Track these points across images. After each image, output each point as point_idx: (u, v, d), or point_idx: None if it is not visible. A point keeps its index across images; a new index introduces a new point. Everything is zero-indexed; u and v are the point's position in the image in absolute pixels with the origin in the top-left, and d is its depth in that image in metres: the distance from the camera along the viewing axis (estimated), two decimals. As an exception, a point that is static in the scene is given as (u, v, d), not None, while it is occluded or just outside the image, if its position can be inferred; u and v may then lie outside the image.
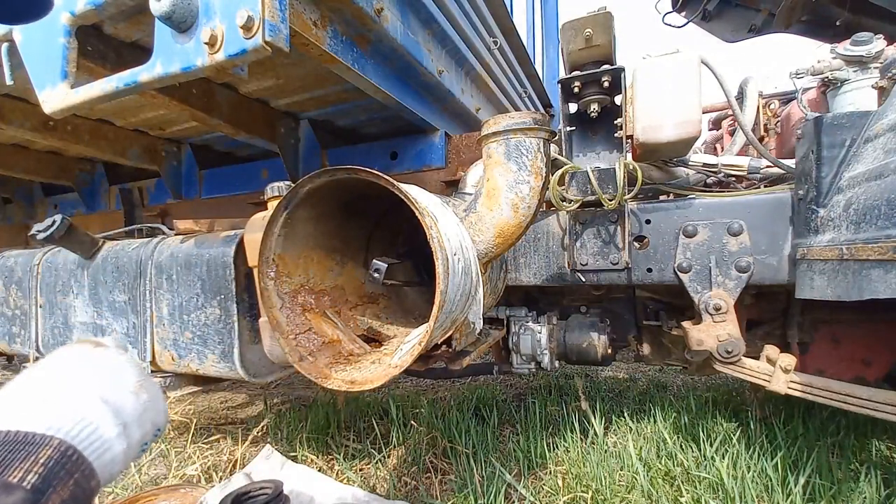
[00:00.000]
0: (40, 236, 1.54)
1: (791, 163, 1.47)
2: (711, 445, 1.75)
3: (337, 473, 1.86)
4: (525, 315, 1.82)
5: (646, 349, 1.92)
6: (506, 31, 2.56)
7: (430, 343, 0.95)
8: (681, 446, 1.84)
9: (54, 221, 1.55)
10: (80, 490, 0.49)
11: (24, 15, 0.65)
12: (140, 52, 1.40)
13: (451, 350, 1.19)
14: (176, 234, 1.67)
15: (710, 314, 1.40)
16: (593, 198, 1.44)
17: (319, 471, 1.84)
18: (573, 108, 1.63)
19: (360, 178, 0.98)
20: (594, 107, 1.55)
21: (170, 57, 1.08)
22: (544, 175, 1.17)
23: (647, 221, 1.53)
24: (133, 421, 0.58)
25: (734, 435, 1.84)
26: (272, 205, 1.33)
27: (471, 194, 1.49)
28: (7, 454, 0.45)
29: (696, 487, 1.57)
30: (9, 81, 1.39)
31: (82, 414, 0.53)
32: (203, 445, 2.20)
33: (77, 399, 0.54)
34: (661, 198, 1.72)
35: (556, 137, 1.58)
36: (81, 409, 0.53)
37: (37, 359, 1.86)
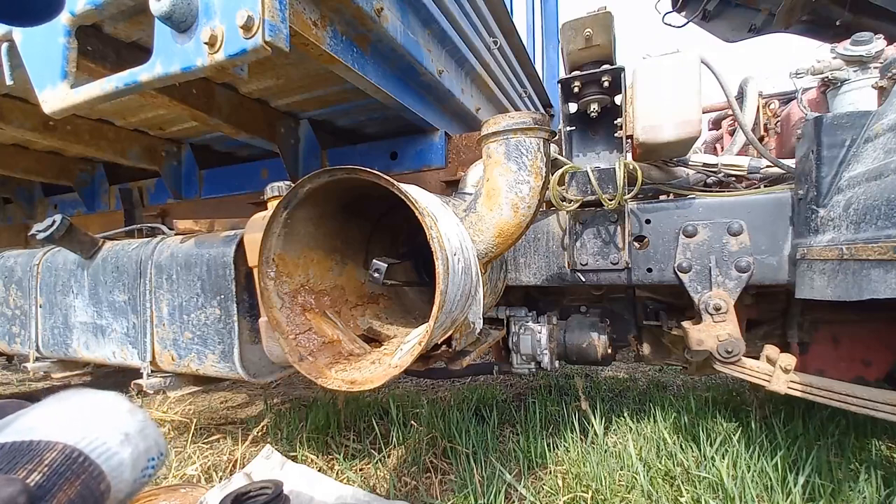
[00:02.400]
0: (40, 236, 1.54)
1: (791, 163, 1.47)
2: (711, 445, 1.75)
3: (337, 473, 1.86)
4: (525, 315, 1.82)
5: (646, 349, 1.92)
6: (506, 31, 2.56)
7: (430, 343, 0.95)
8: (681, 446, 1.84)
9: (54, 221, 1.55)
10: (87, 491, 0.50)
11: (36, 15, 0.65)
12: (140, 52, 1.40)
13: (451, 350, 1.19)
14: (176, 234, 1.67)
15: (710, 314, 1.40)
16: (593, 198, 1.44)
17: (319, 471, 1.84)
18: (573, 107, 1.63)
19: (360, 178, 0.98)
20: (594, 107, 1.55)
21: (170, 57, 1.08)
22: (544, 175, 1.17)
23: (647, 221, 1.53)
24: (135, 433, 0.60)
25: (734, 435, 1.84)
26: (272, 205, 1.33)
27: (471, 194, 1.50)
28: (13, 458, 0.47)
29: (696, 487, 1.57)
30: (9, 81, 1.39)
31: (84, 424, 0.55)
32: (203, 445, 2.20)
33: (77, 414, 0.57)
34: (661, 198, 1.72)
35: (556, 137, 1.58)
36: (83, 421, 0.56)
37: (37, 359, 1.87)
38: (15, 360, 3.30)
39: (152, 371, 1.57)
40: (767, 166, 1.60)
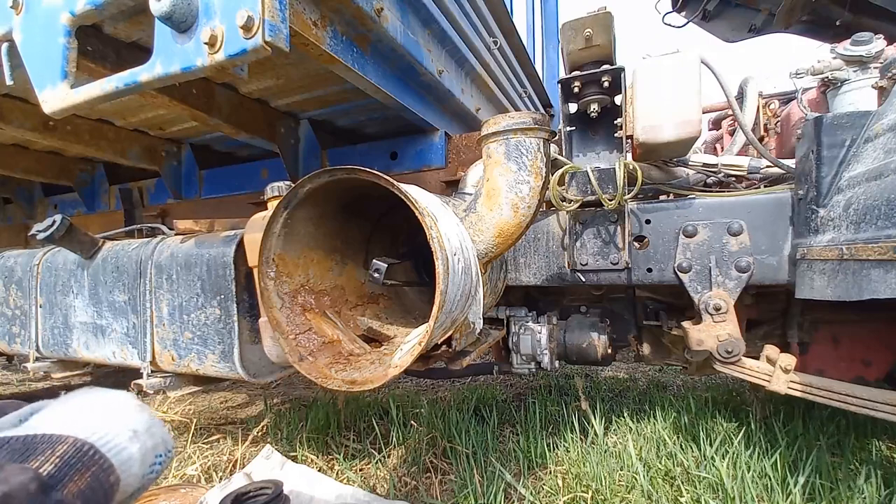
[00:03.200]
0: (40, 236, 1.54)
1: (791, 163, 1.47)
2: (711, 445, 1.75)
3: (337, 473, 1.86)
4: (525, 315, 1.82)
5: (646, 349, 1.92)
6: (506, 31, 2.56)
7: (430, 343, 0.95)
8: (681, 446, 1.84)
9: (54, 221, 1.55)
10: (97, 483, 0.51)
11: None
12: (140, 52, 1.40)
13: (451, 350, 1.19)
14: (176, 234, 1.67)
15: (710, 314, 1.40)
16: (593, 198, 1.44)
17: (319, 471, 1.84)
18: (573, 108, 1.63)
19: (359, 178, 0.98)
20: (594, 107, 1.55)
21: (170, 57, 1.07)
22: (544, 175, 1.17)
23: (647, 221, 1.53)
24: (143, 430, 0.61)
25: (734, 435, 1.84)
26: (272, 205, 1.33)
27: (471, 194, 1.50)
28: (27, 450, 0.48)
29: (696, 487, 1.57)
30: (9, 81, 1.38)
31: (93, 420, 0.56)
32: (203, 445, 2.20)
33: (88, 411, 0.58)
34: (661, 198, 1.72)
35: (556, 137, 1.58)
36: (93, 417, 0.57)
37: (37, 359, 1.86)
38: (15, 360, 3.30)
39: (152, 371, 1.57)
40: (767, 166, 1.60)
